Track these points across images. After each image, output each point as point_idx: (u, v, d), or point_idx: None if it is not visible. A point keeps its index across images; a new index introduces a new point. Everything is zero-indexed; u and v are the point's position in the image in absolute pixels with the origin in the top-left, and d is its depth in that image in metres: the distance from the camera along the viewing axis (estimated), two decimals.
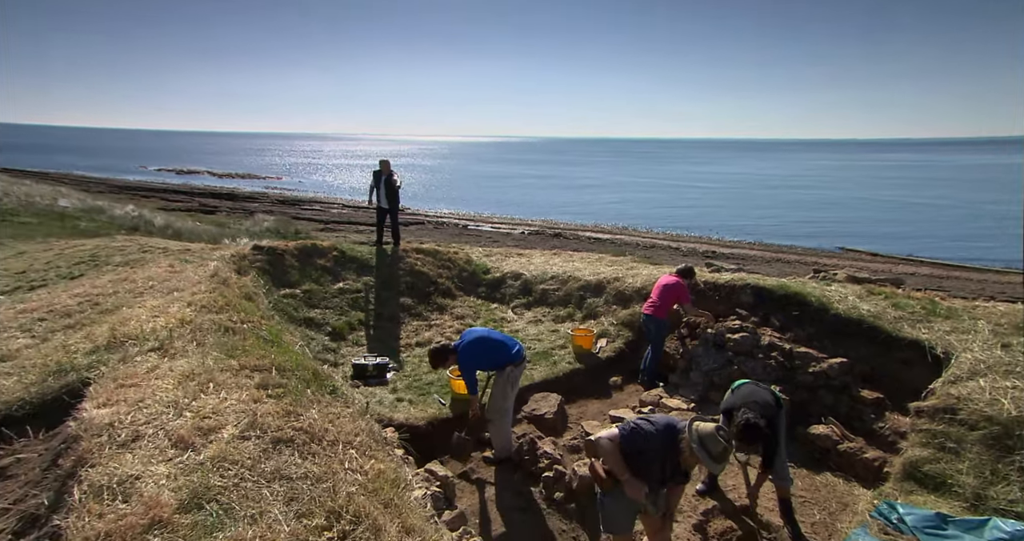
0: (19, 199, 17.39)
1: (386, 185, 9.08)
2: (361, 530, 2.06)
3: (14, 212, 15.65)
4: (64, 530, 2.06)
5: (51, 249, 10.17)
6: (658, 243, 21.91)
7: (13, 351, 4.51)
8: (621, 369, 6.34)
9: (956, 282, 15.25)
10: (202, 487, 2.26)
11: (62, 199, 18.41)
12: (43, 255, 9.63)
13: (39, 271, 8.40)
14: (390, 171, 9.14)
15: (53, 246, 10.53)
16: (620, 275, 7.77)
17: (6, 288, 7.48)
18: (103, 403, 3.02)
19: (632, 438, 2.82)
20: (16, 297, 6.87)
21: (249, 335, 4.26)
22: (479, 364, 4.37)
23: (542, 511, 3.97)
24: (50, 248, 10.31)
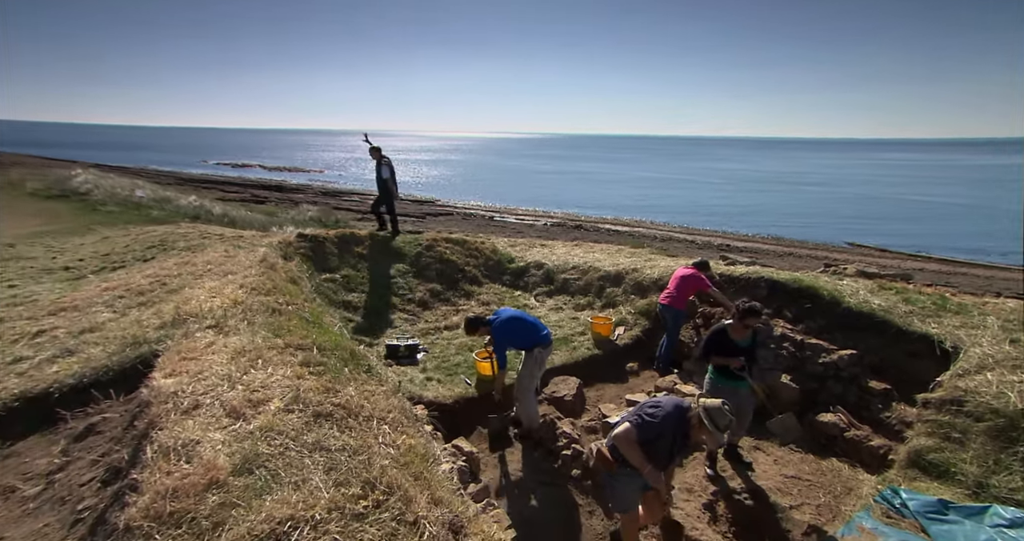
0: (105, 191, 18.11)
1: (377, 171, 8.66)
2: (393, 500, 2.07)
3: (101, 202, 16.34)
4: (140, 484, 2.14)
5: (129, 235, 10.59)
6: (675, 236, 21.48)
7: (99, 324, 4.73)
8: (637, 356, 6.25)
9: (964, 278, 14.54)
10: (252, 454, 2.30)
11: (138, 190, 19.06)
12: (122, 240, 10.03)
13: (119, 254, 8.76)
14: (379, 158, 8.57)
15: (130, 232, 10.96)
16: (638, 266, 7.63)
17: (95, 268, 7.83)
18: (169, 373, 3.11)
19: (646, 428, 2.82)
20: (102, 276, 7.19)
21: (293, 316, 4.33)
22: (512, 341, 4.38)
23: (561, 485, 3.97)
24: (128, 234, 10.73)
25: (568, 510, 3.77)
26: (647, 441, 2.81)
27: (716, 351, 4.10)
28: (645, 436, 2.80)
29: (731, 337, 4.07)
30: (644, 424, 2.82)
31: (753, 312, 3.96)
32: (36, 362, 3.97)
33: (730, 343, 4.06)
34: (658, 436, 2.81)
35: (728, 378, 4.11)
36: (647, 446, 2.81)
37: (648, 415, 2.84)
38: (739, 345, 4.06)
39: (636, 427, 2.82)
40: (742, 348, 4.07)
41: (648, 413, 2.86)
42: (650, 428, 2.80)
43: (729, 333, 4.08)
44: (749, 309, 3.96)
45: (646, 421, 2.82)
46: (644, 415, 2.86)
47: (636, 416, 2.89)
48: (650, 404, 2.94)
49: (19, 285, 6.92)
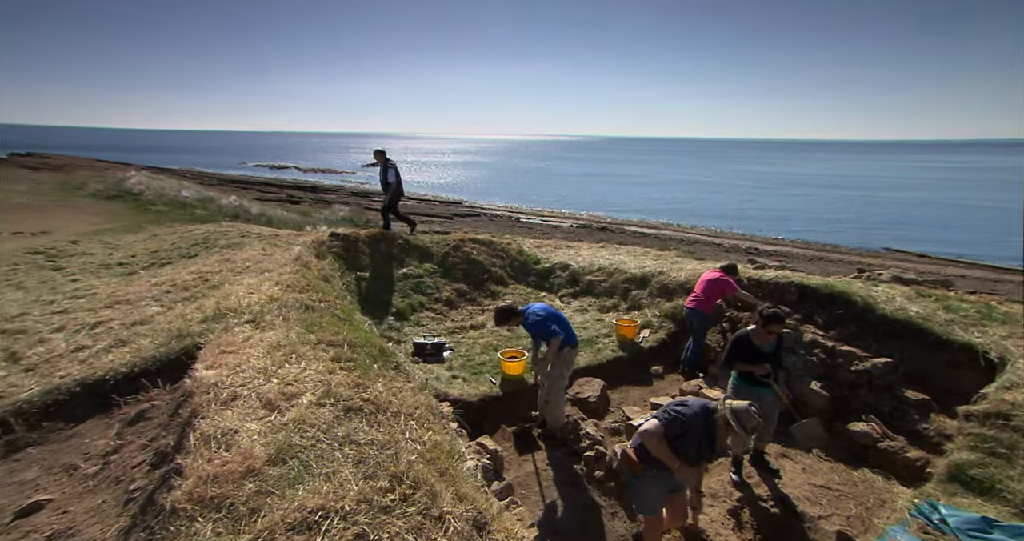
0: (155, 191, 19.04)
1: (381, 175, 8.55)
2: (420, 495, 2.10)
3: (152, 202, 17.18)
4: (184, 468, 2.23)
5: (175, 233, 11.08)
6: (702, 239, 21.02)
7: (148, 316, 4.97)
8: (662, 359, 6.16)
9: (1011, 286, 13.69)
10: (286, 445, 2.37)
11: (184, 191, 19.93)
12: (169, 237, 10.51)
13: (167, 251, 9.18)
14: (383, 161, 8.48)
15: (176, 230, 11.47)
16: (664, 269, 7.51)
17: (145, 264, 8.24)
18: (210, 365, 3.23)
19: (674, 424, 2.78)
20: (151, 272, 7.56)
21: (326, 313, 4.44)
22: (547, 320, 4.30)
23: (583, 486, 3.94)
24: (174, 232, 11.23)
25: (591, 511, 3.74)
26: (674, 437, 2.77)
27: (740, 357, 4.00)
28: (672, 432, 2.77)
29: (755, 343, 3.97)
30: (671, 420, 2.78)
31: (776, 318, 3.87)
32: (95, 351, 4.20)
33: (754, 349, 3.96)
34: (684, 433, 2.76)
35: (752, 384, 4.01)
36: (673, 443, 2.77)
37: (675, 412, 2.80)
38: (763, 351, 3.96)
39: (663, 422, 2.78)
40: (766, 354, 3.97)
41: (675, 410, 2.82)
42: (677, 424, 2.77)
43: (753, 339, 3.98)
44: (773, 315, 3.87)
45: (673, 417, 2.78)
46: (671, 411, 2.82)
47: (663, 412, 2.86)
48: (677, 403, 2.90)
49: (81, 279, 7.34)
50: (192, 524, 1.94)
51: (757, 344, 3.96)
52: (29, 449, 3.09)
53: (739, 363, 4.02)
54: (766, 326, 3.88)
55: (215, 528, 1.92)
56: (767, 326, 3.88)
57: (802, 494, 3.91)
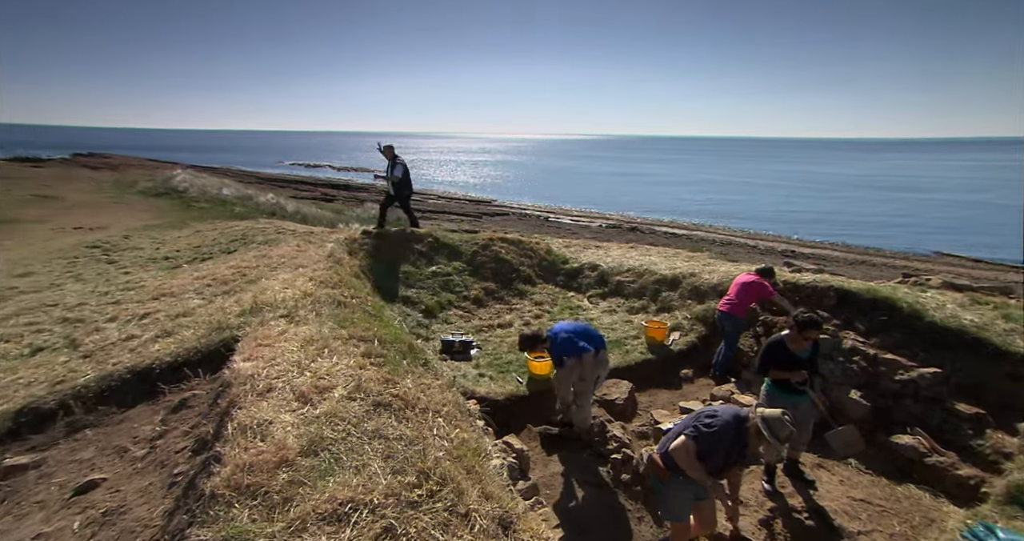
0: (199, 189, 19.98)
1: (389, 171, 8.36)
2: (446, 491, 2.11)
3: (195, 199, 18.03)
4: (222, 456, 2.32)
5: (216, 229, 11.57)
6: (735, 240, 20.45)
7: (190, 309, 5.20)
8: (692, 362, 6.01)
9: None
10: (318, 437, 2.42)
11: (225, 189, 20.81)
12: (211, 233, 10.98)
13: (208, 246, 9.59)
14: (392, 157, 8.32)
15: (217, 226, 11.98)
16: (696, 271, 7.33)
17: (188, 258, 8.64)
18: (247, 358, 3.34)
19: (704, 440, 2.72)
20: (193, 266, 7.91)
21: (357, 309, 4.53)
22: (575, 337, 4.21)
23: (610, 489, 3.89)
24: (215, 228, 11.73)
25: (616, 514, 3.69)
26: (705, 453, 2.70)
27: (774, 363, 3.87)
28: (703, 448, 2.70)
29: (789, 348, 3.83)
30: (701, 436, 2.71)
31: (813, 324, 3.72)
32: (143, 340, 4.43)
33: (788, 355, 3.82)
34: (716, 447, 2.70)
35: (786, 391, 3.86)
36: (704, 458, 2.71)
37: (705, 425, 2.73)
38: (798, 357, 3.82)
39: (694, 440, 2.71)
40: (802, 360, 3.82)
41: (705, 424, 2.74)
42: (707, 440, 2.70)
43: (787, 344, 3.84)
44: (808, 321, 3.72)
45: (703, 433, 2.71)
46: (701, 426, 2.74)
47: (692, 428, 2.77)
48: (706, 413, 2.82)
49: (131, 272, 7.76)
50: (230, 510, 2.01)
51: (792, 350, 3.82)
52: (86, 430, 3.29)
53: (773, 370, 3.88)
54: (801, 332, 3.74)
55: (251, 515, 1.99)
56: (803, 332, 3.74)
57: (840, 507, 3.74)
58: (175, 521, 2.23)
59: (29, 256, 9.49)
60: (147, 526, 2.29)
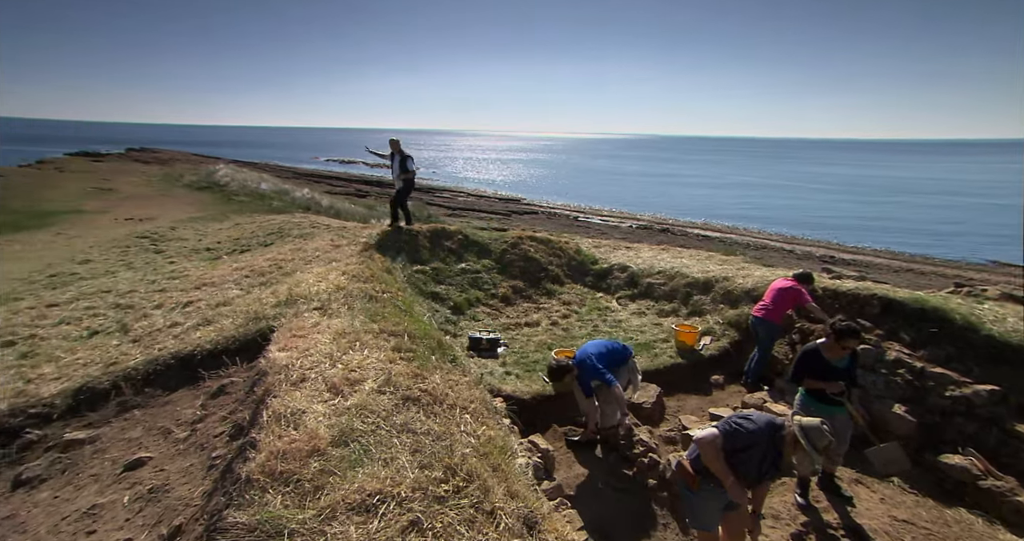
0: (239, 183, 20.77)
1: (400, 165, 8.17)
2: (472, 488, 2.12)
3: (235, 193, 18.75)
4: (258, 442, 2.39)
5: (254, 222, 11.99)
6: (770, 244, 19.80)
7: (229, 299, 5.39)
8: (723, 368, 5.86)
9: None
10: (348, 428, 2.47)
11: (263, 183, 21.56)
12: (249, 226, 11.39)
13: (247, 238, 9.95)
14: (400, 151, 8.19)
15: (255, 219, 12.41)
16: (729, 274, 7.13)
17: (228, 250, 8.99)
18: (282, 348, 3.44)
19: (734, 436, 2.61)
20: (233, 258, 8.22)
21: (388, 303, 4.59)
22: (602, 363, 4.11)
23: (635, 493, 3.83)
24: (253, 221, 12.16)
25: (642, 519, 3.63)
26: (733, 451, 2.59)
27: (809, 373, 3.70)
28: (731, 445, 2.58)
29: (825, 358, 3.67)
30: (732, 432, 2.60)
31: (851, 333, 3.54)
32: (186, 328, 4.62)
33: (824, 364, 3.66)
34: (745, 448, 2.58)
35: (822, 402, 3.70)
36: (732, 457, 2.60)
37: (737, 424, 2.62)
38: (835, 367, 3.65)
39: (723, 433, 2.60)
40: (838, 370, 3.65)
41: (737, 423, 2.63)
42: (738, 437, 2.58)
43: (823, 353, 3.68)
44: (846, 329, 3.55)
45: (734, 429, 2.60)
46: (733, 423, 2.64)
47: (724, 422, 2.68)
48: (741, 415, 2.72)
49: (176, 262, 8.13)
50: (264, 495, 2.07)
51: (828, 359, 3.66)
52: (135, 411, 3.47)
53: (808, 379, 3.72)
54: (839, 340, 3.58)
55: (283, 501, 2.04)
56: (840, 341, 3.57)
57: (880, 527, 3.57)
58: (213, 502, 2.31)
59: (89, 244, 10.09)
60: (188, 505, 2.39)
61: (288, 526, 1.90)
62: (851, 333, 3.55)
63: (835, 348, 3.63)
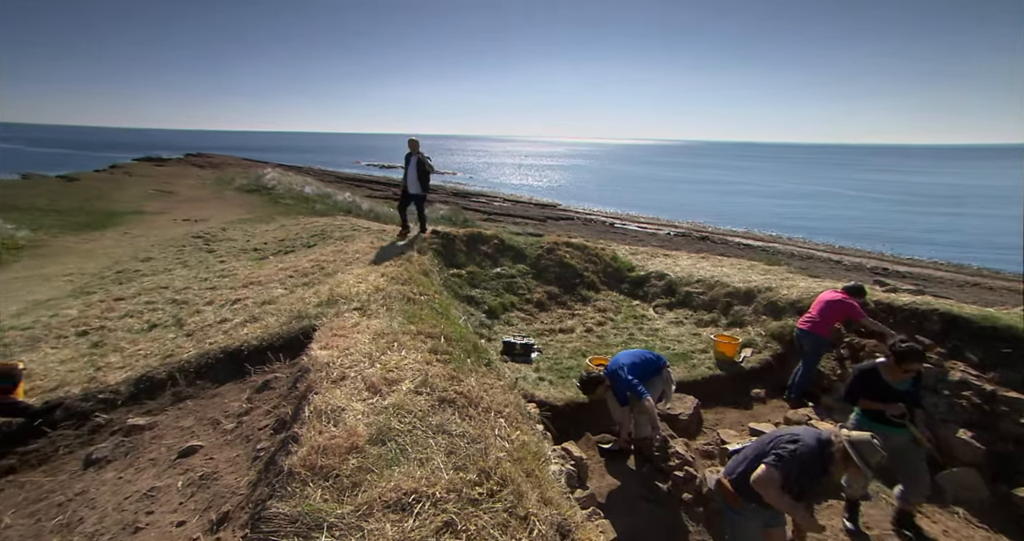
0: (285, 187, 21.69)
1: (417, 167, 7.64)
2: (506, 492, 2.12)
3: (281, 196, 19.57)
4: (299, 437, 2.47)
5: (298, 224, 12.46)
6: (816, 254, 18.90)
7: (274, 297, 5.62)
8: (765, 382, 5.62)
9: None
10: (386, 427, 2.52)
11: (307, 187, 22.40)
12: (294, 228, 11.84)
13: (291, 240, 10.35)
14: (419, 152, 7.67)
15: (300, 222, 12.89)
16: (773, 285, 6.86)
17: (274, 251, 9.38)
18: (323, 346, 3.55)
19: (787, 468, 2.47)
20: (278, 258, 8.57)
21: (425, 306, 4.67)
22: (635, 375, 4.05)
23: (670, 507, 3.73)
24: (298, 223, 12.64)
25: (676, 534, 3.53)
26: (788, 481, 2.48)
27: (865, 393, 3.49)
28: (787, 477, 2.47)
29: (885, 379, 3.43)
30: (785, 463, 2.47)
31: (914, 355, 3.30)
32: (234, 324, 4.85)
33: (882, 385, 3.42)
34: (800, 474, 2.46)
35: (880, 422, 3.47)
36: (787, 486, 2.49)
37: (788, 452, 2.49)
38: (894, 389, 3.41)
39: (777, 469, 2.47)
40: (899, 392, 3.41)
41: (787, 449, 2.51)
42: (791, 467, 2.46)
43: (882, 374, 3.44)
44: (909, 351, 3.30)
45: (786, 460, 2.47)
46: (783, 453, 2.51)
47: (773, 455, 2.54)
48: (786, 438, 2.59)
49: (226, 261, 8.55)
50: (304, 488, 2.14)
51: (887, 380, 3.43)
52: (188, 401, 3.67)
53: (864, 400, 3.51)
54: (901, 363, 3.34)
55: (323, 495, 2.10)
56: (902, 363, 3.34)
57: None
58: (257, 492, 2.41)
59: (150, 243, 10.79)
60: (234, 493, 2.50)
61: (327, 520, 1.95)
62: (914, 355, 3.30)
63: (896, 370, 3.40)
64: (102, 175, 26.20)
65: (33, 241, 11.10)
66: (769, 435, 2.76)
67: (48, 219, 13.41)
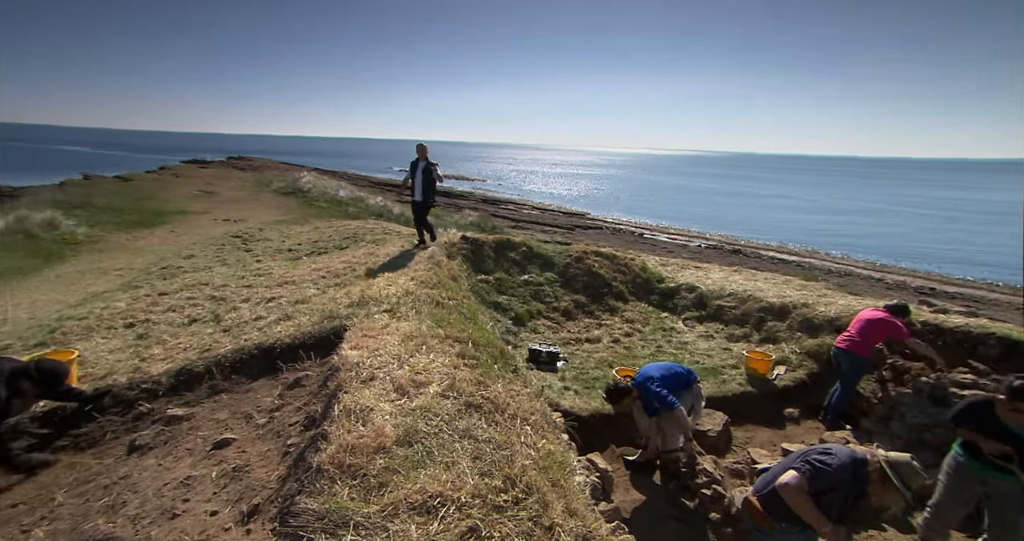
0: (320, 190, 22.38)
1: (423, 174, 7.33)
2: (531, 501, 2.10)
3: (316, 199, 20.18)
4: (328, 435, 2.52)
5: (332, 226, 12.80)
6: (855, 271, 18.16)
7: (307, 297, 5.77)
8: (799, 401, 5.42)
9: None
10: (413, 429, 2.54)
11: (341, 190, 23.03)
12: (327, 230, 12.17)
13: (324, 241, 10.64)
14: (427, 158, 7.35)
15: (333, 224, 13.25)
16: (810, 301, 6.63)
17: (307, 252, 9.65)
18: (353, 346, 3.62)
19: (820, 478, 2.36)
20: (311, 259, 8.81)
21: (453, 310, 4.71)
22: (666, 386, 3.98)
23: (697, 526, 3.62)
24: (331, 225, 12.99)
25: None
26: (818, 493, 2.35)
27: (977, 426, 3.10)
28: (818, 487, 2.34)
29: (999, 417, 3.02)
30: (816, 471, 2.35)
31: None
32: (268, 321, 5.00)
33: (998, 426, 3.02)
34: (831, 488, 2.34)
35: (979, 460, 3.12)
36: (816, 499, 2.37)
37: (819, 462, 2.37)
38: (1010, 431, 2.99)
39: (806, 475, 2.36)
40: (1015, 435, 2.98)
41: (819, 460, 2.39)
42: (823, 477, 2.34)
43: (998, 411, 3.03)
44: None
45: (817, 468, 2.35)
46: (815, 462, 2.39)
47: (803, 462, 2.43)
48: (819, 450, 2.46)
49: (263, 260, 8.85)
50: (332, 485, 2.18)
51: (1003, 420, 3.00)
52: (223, 394, 3.80)
53: (967, 429, 3.12)
54: (1014, 400, 2.93)
55: (350, 493, 2.13)
56: (1015, 400, 2.93)
57: None
58: (287, 486, 2.47)
59: (192, 241, 11.29)
60: (265, 486, 2.56)
61: (354, 518, 1.97)
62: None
63: (1012, 413, 2.96)
64: (152, 176, 27.63)
65: (91, 237, 11.79)
66: (799, 451, 2.65)
67: (104, 216, 14.22)
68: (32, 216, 11.79)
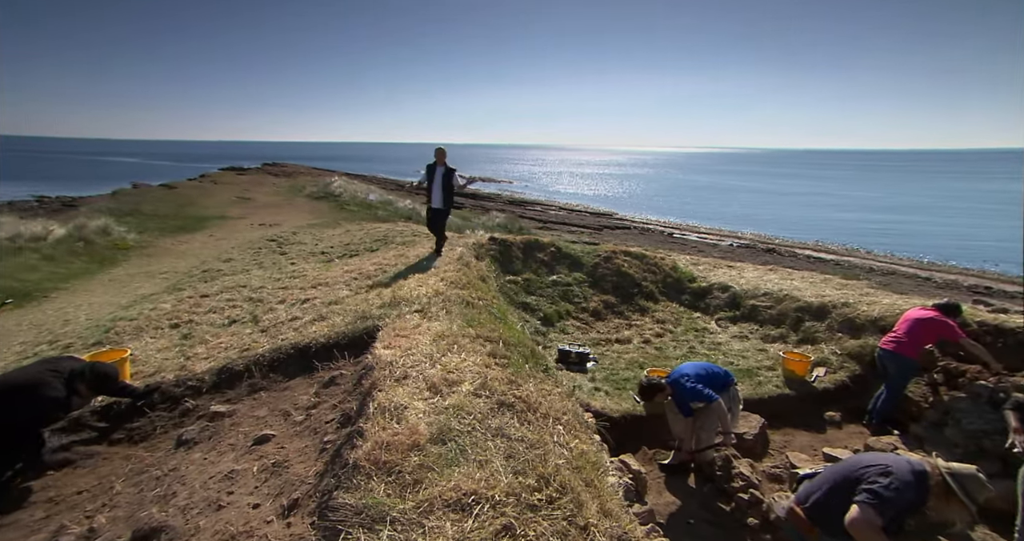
0: (350, 194, 22.96)
1: (443, 180, 6.85)
2: (566, 500, 2.09)
3: (347, 203, 20.71)
4: (364, 432, 2.57)
5: (362, 229, 13.10)
6: (900, 269, 17.31)
7: (340, 298, 5.91)
8: (841, 405, 5.21)
9: None
10: (446, 427, 2.56)
11: (371, 194, 23.54)
12: (358, 233, 12.46)
13: (356, 244, 10.90)
14: (446, 163, 6.89)
15: (364, 227, 13.56)
16: (851, 301, 6.36)
17: (339, 254, 9.91)
18: (386, 346, 3.69)
19: (888, 507, 2.18)
20: (343, 261, 9.04)
21: (483, 310, 4.73)
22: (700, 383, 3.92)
23: (733, 531, 3.52)
24: (362, 228, 13.29)
25: None
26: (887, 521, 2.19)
27: None
28: (886, 518, 2.18)
29: None
30: (883, 502, 2.18)
31: None
32: (304, 322, 5.15)
33: None
34: (899, 513, 2.20)
35: None
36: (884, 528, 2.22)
37: (883, 487, 2.21)
38: None
39: (875, 508, 2.18)
40: None
41: (881, 483, 2.23)
42: (891, 506, 2.17)
43: None
44: None
45: (884, 498, 2.18)
46: (880, 492, 2.21)
47: (866, 492, 2.25)
48: (876, 470, 2.32)
49: (297, 263, 9.13)
50: (368, 481, 2.21)
51: None
52: (261, 392, 3.93)
53: None
54: None
55: (385, 489, 2.16)
56: None
57: None
58: (324, 482, 2.53)
59: (231, 245, 11.77)
60: (303, 482, 2.63)
61: (390, 514, 2.00)
62: None
63: None
64: (193, 183, 28.92)
65: (139, 242, 12.48)
66: (850, 462, 2.51)
67: (151, 223, 14.99)
68: (89, 224, 12.57)
